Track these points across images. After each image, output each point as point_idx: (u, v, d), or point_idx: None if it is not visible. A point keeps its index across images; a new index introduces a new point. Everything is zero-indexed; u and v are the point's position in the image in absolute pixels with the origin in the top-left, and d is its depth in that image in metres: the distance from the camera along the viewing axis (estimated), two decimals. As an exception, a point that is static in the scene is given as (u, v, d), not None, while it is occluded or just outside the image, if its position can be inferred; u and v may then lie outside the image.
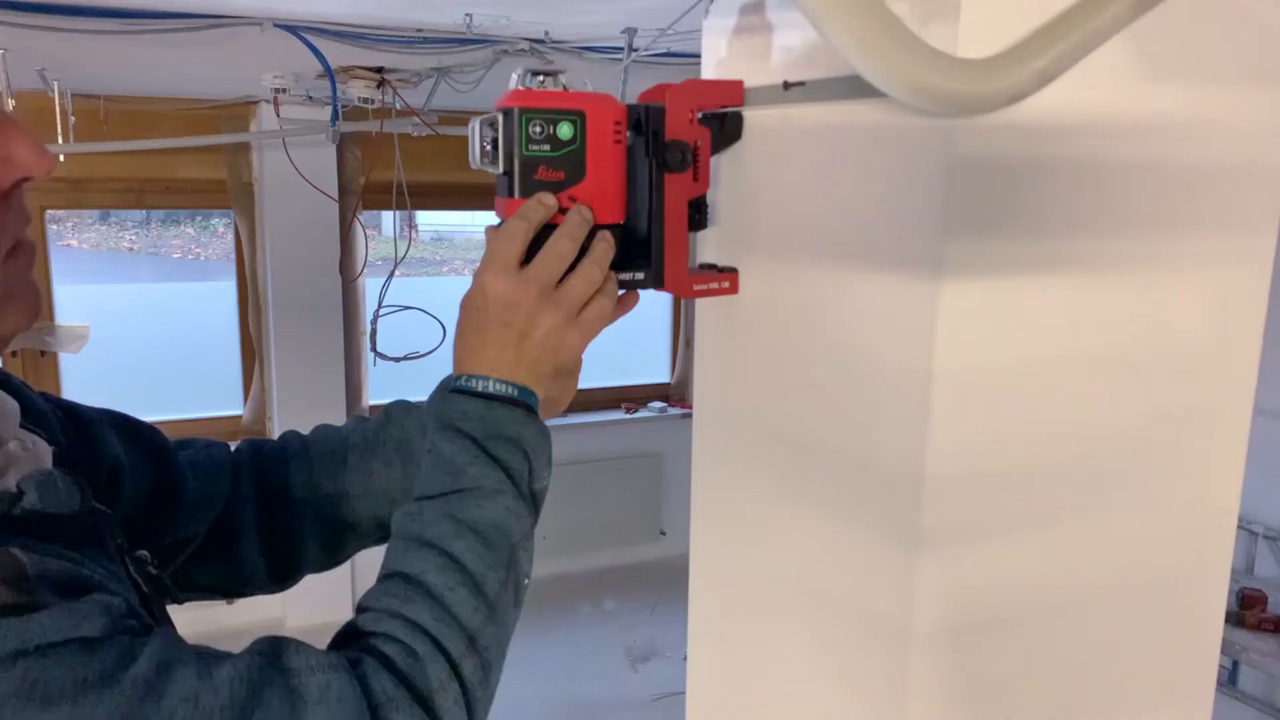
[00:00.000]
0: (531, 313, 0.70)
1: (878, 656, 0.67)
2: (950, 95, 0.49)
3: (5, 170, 0.54)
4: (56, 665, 0.47)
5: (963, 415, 0.62)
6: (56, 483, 0.58)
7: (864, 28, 0.41)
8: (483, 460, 0.67)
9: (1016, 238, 0.62)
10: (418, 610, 0.61)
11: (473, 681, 0.61)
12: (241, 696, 0.52)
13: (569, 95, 0.72)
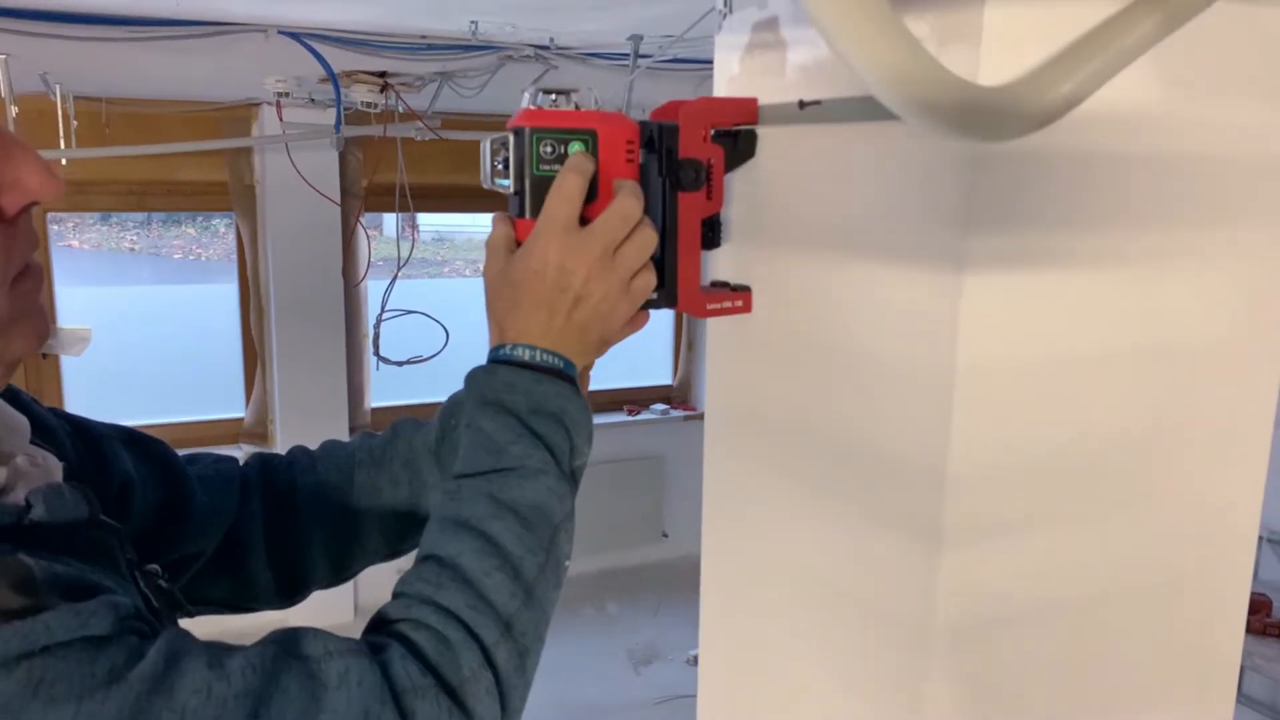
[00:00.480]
0: (590, 276, 0.67)
1: (896, 655, 0.67)
2: (978, 124, 0.48)
3: (13, 195, 0.54)
4: (63, 663, 0.47)
5: (985, 411, 0.61)
6: (64, 495, 0.57)
7: (890, 58, 0.40)
8: (526, 438, 0.65)
9: (1040, 232, 0.61)
10: (451, 596, 0.59)
11: (507, 669, 0.59)
12: (256, 684, 0.51)
13: (581, 115, 0.72)
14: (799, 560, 0.77)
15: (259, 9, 1.55)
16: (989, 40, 0.56)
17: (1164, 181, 0.64)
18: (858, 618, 0.71)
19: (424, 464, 0.83)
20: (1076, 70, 0.53)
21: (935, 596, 0.63)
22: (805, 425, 0.75)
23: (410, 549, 0.87)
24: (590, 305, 0.68)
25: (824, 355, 0.72)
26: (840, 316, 0.70)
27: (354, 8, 1.54)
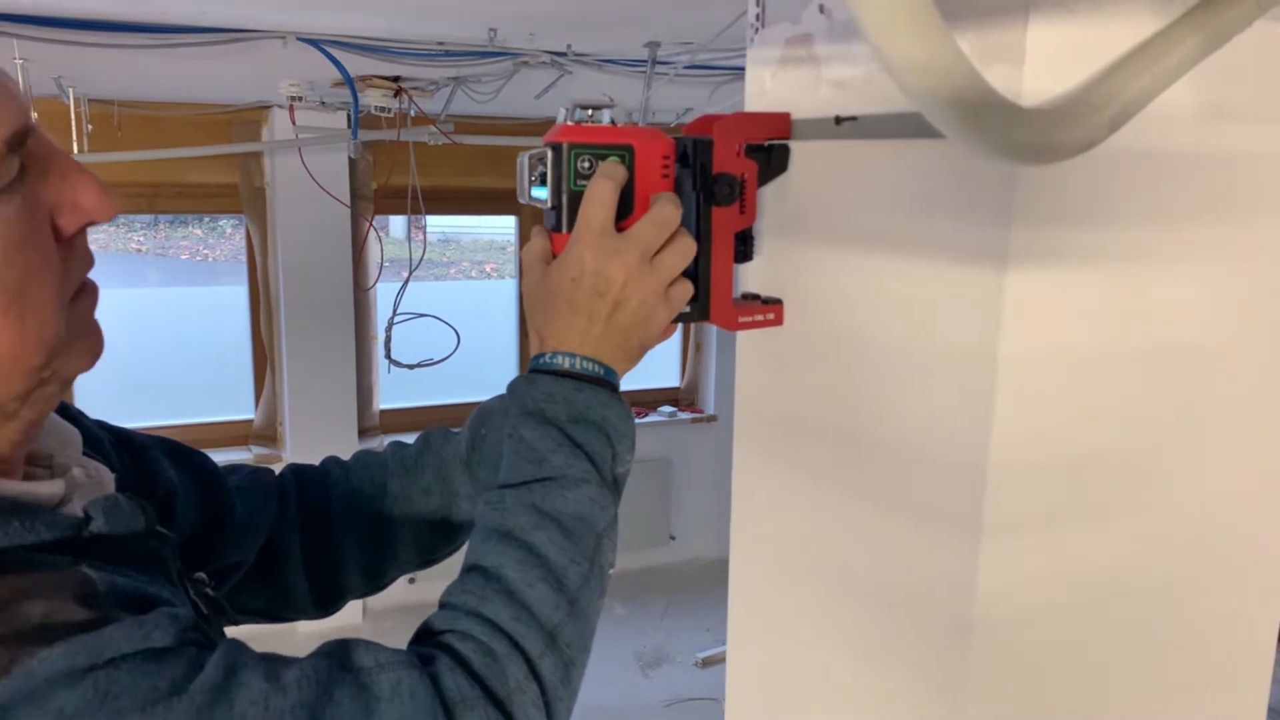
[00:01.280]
0: (628, 281, 0.68)
1: (935, 649, 0.67)
2: (1025, 147, 0.49)
3: (72, 216, 0.55)
4: (127, 675, 0.47)
5: (1027, 406, 0.62)
6: (121, 506, 0.58)
7: (945, 81, 0.41)
8: (567, 448, 0.65)
9: (1081, 228, 0.61)
10: (495, 608, 0.60)
11: (552, 681, 0.60)
12: (310, 697, 0.52)
13: (617, 130, 0.72)
14: (834, 556, 0.78)
15: (280, 17, 1.56)
16: (1032, 60, 0.56)
17: (1205, 178, 0.65)
18: (895, 612, 0.71)
19: (455, 473, 0.84)
20: (1121, 93, 0.53)
21: (975, 590, 0.63)
22: (841, 425, 0.75)
23: (443, 558, 0.87)
24: (629, 310, 0.69)
25: (862, 356, 0.72)
26: (879, 318, 0.70)
27: (374, 16, 1.54)
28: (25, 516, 0.53)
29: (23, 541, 0.51)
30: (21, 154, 0.51)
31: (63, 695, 0.45)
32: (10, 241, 0.51)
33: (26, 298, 0.52)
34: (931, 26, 0.37)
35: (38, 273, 0.53)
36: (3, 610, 0.47)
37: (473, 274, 8.05)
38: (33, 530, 0.52)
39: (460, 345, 3.22)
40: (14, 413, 0.56)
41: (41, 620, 0.47)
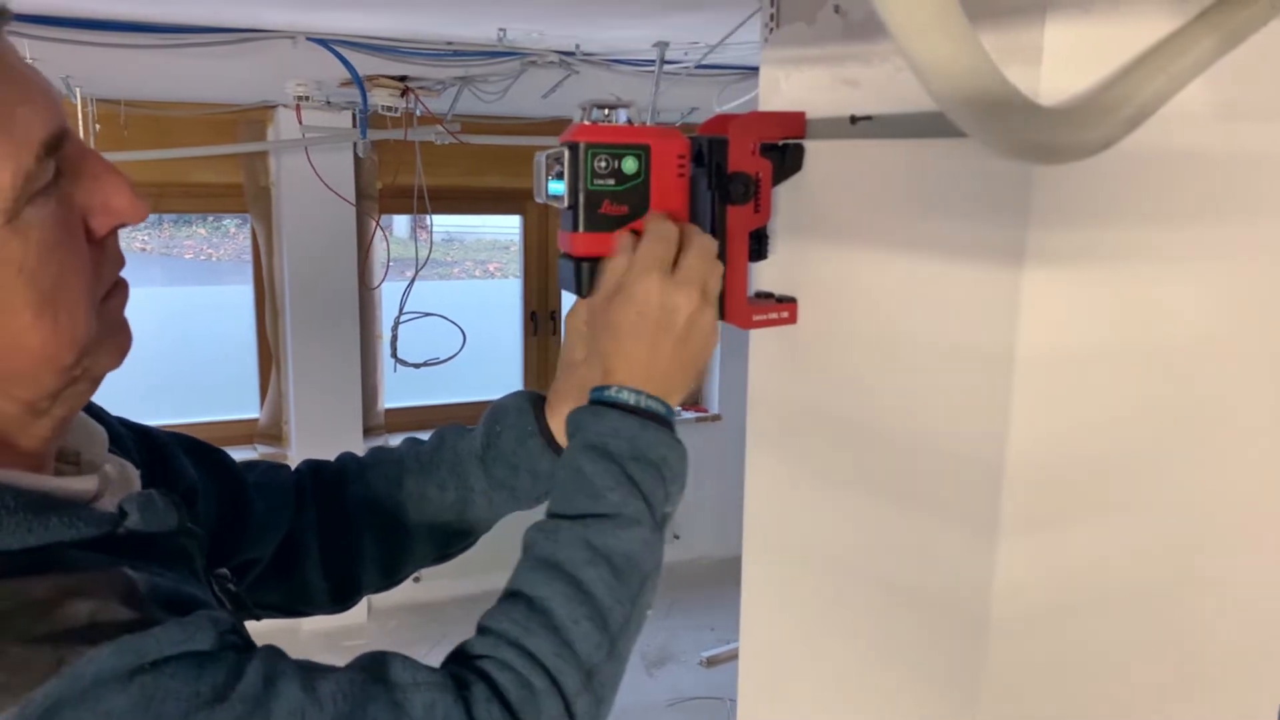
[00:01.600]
0: (693, 314, 0.70)
1: (951, 645, 0.68)
2: (1045, 146, 0.49)
3: (104, 218, 0.56)
4: (171, 680, 0.48)
5: (1043, 403, 0.63)
6: (155, 502, 0.58)
7: (970, 82, 0.41)
8: (625, 486, 0.66)
9: (1097, 227, 0.62)
10: (538, 642, 0.60)
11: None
12: (346, 711, 0.52)
13: (634, 130, 0.73)
14: (848, 554, 0.78)
15: (290, 17, 1.57)
16: (1049, 60, 0.56)
17: (1220, 178, 0.65)
18: (910, 609, 0.72)
19: (470, 470, 0.84)
20: (1138, 93, 0.54)
21: (991, 587, 0.64)
22: (856, 424, 0.76)
23: (457, 553, 0.88)
24: (696, 341, 0.70)
25: (876, 355, 0.73)
26: (894, 316, 0.71)
27: (384, 16, 1.55)
28: (63, 512, 0.53)
29: (63, 538, 0.52)
30: (58, 157, 0.52)
31: (110, 697, 0.46)
32: (46, 243, 0.51)
33: (60, 298, 0.52)
34: (957, 27, 0.38)
35: (71, 274, 0.53)
36: (50, 609, 0.47)
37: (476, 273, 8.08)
38: (72, 526, 0.53)
39: (468, 343, 3.23)
40: (46, 410, 0.56)
41: (88, 620, 0.48)
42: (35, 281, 0.51)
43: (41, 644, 0.46)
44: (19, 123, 0.49)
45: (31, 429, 0.56)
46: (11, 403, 0.54)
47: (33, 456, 0.57)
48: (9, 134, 0.49)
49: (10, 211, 0.49)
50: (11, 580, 0.48)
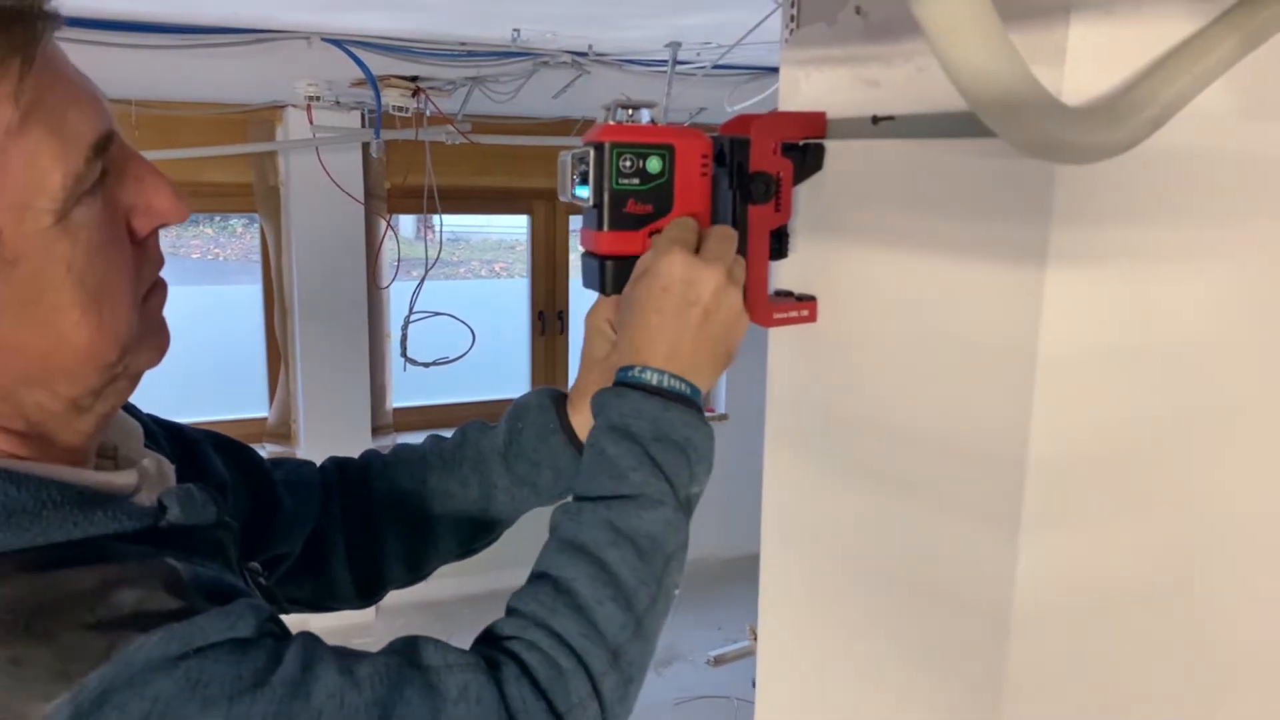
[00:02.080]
0: (717, 291, 0.70)
1: (974, 639, 0.69)
2: (1072, 147, 0.50)
3: (145, 218, 0.57)
4: (215, 665, 0.49)
5: (1066, 400, 0.63)
6: (194, 496, 0.60)
7: (1002, 83, 0.42)
8: (647, 467, 0.66)
9: (1122, 224, 0.62)
10: (564, 623, 0.61)
11: (612, 700, 0.61)
12: (383, 694, 0.53)
13: (658, 130, 0.73)
14: (868, 551, 0.79)
15: (306, 17, 1.58)
16: (1073, 61, 0.57)
17: (1241, 177, 0.66)
18: (931, 606, 0.72)
19: (493, 466, 0.85)
20: (1161, 93, 0.54)
21: (1014, 581, 0.64)
22: (876, 421, 0.76)
23: (481, 548, 0.89)
24: (720, 319, 0.70)
25: (897, 352, 0.74)
26: (915, 315, 0.72)
27: (400, 16, 1.56)
28: (106, 506, 0.54)
29: (106, 531, 0.53)
30: (105, 158, 0.53)
31: (158, 681, 0.47)
32: (93, 243, 0.52)
33: (105, 296, 0.54)
34: (992, 30, 0.39)
35: (116, 273, 0.54)
36: (98, 597, 0.48)
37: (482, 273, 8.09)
38: (116, 520, 0.54)
39: (478, 342, 3.24)
40: (88, 407, 0.57)
41: (135, 608, 0.49)
42: (83, 280, 0.52)
43: (92, 631, 0.47)
44: (69, 124, 0.50)
45: (74, 425, 0.57)
46: (56, 399, 0.55)
47: (75, 452, 0.58)
48: (59, 136, 0.50)
49: (60, 212, 0.50)
50: (60, 571, 0.49)
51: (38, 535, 0.50)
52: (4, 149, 0.48)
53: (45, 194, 0.49)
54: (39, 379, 0.54)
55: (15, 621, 0.46)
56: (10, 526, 0.50)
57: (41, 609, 0.47)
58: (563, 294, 4.06)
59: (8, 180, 0.48)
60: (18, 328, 0.51)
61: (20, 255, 0.50)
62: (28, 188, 0.49)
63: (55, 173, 0.50)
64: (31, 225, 0.49)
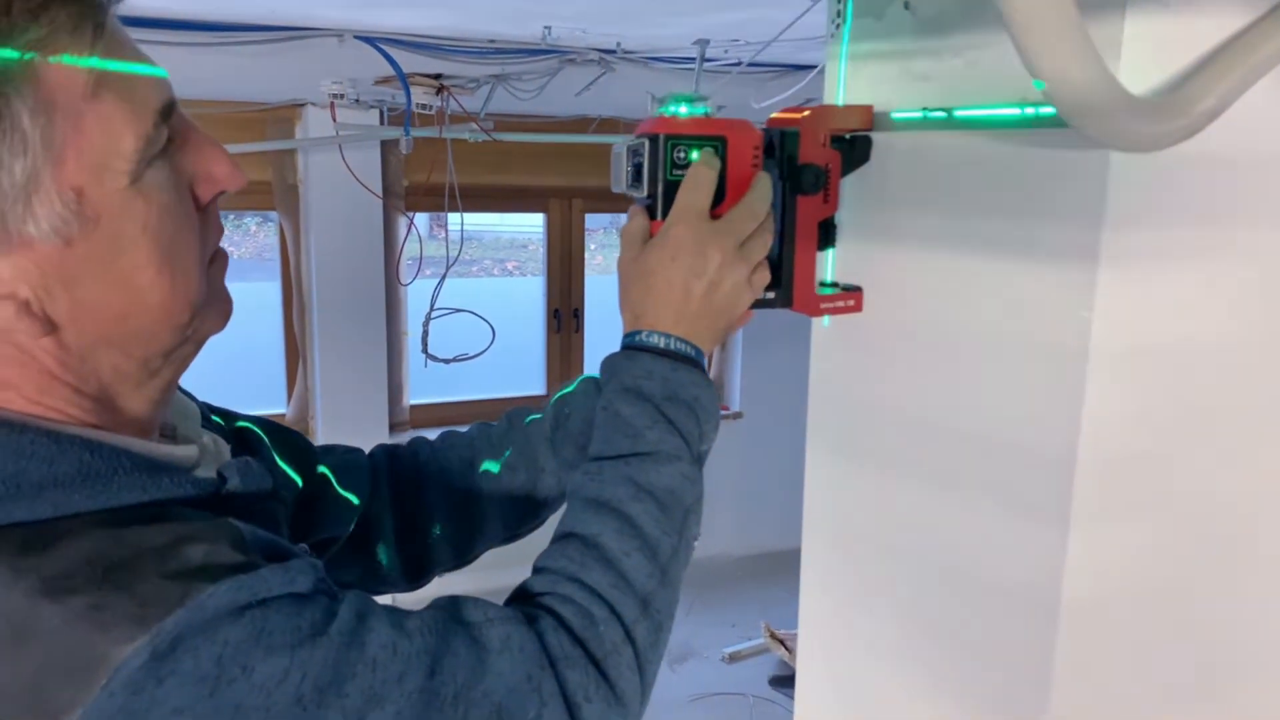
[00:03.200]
0: (723, 264, 0.71)
1: (1021, 632, 0.70)
2: (1137, 135, 0.51)
3: (207, 186, 0.59)
4: (277, 615, 0.51)
5: (1116, 397, 0.65)
6: (253, 467, 0.62)
7: (1081, 75, 0.43)
8: (662, 424, 0.69)
9: (1172, 225, 0.64)
10: (594, 575, 0.63)
11: (645, 645, 0.63)
12: (432, 644, 0.55)
13: (711, 121, 0.75)
14: (913, 542, 0.80)
15: (342, 14, 1.59)
16: (1129, 53, 0.58)
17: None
18: (979, 595, 0.74)
19: (540, 451, 0.87)
20: (1216, 86, 0.56)
21: (1063, 574, 0.66)
22: (923, 415, 0.78)
23: (527, 532, 0.91)
24: (723, 291, 0.72)
25: (945, 347, 0.75)
26: (963, 309, 0.73)
27: (435, 13, 1.58)
28: (172, 474, 0.57)
29: (173, 495, 0.56)
30: (169, 125, 0.55)
31: (227, 629, 0.49)
32: (165, 204, 0.55)
33: (176, 257, 0.56)
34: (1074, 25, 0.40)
35: (185, 234, 0.57)
36: (169, 551, 0.51)
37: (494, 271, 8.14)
38: (180, 486, 0.56)
39: (497, 339, 3.26)
40: (157, 370, 0.59)
41: (204, 561, 0.51)
42: (157, 240, 0.54)
43: (167, 580, 0.49)
44: (138, 90, 0.53)
45: (142, 390, 0.59)
46: (129, 360, 0.57)
47: (141, 423, 0.60)
48: (129, 100, 0.52)
49: (134, 173, 0.53)
50: (133, 528, 0.52)
51: (110, 498, 0.53)
52: (82, 113, 0.50)
53: (120, 156, 0.52)
54: (116, 339, 0.56)
55: (94, 572, 0.49)
56: (86, 488, 0.52)
57: (118, 561, 0.50)
58: (578, 292, 4.07)
59: (86, 143, 0.51)
60: (99, 287, 0.54)
61: (101, 214, 0.52)
62: (104, 149, 0.51)
63: (128, 135, 0.52)
64: (110, 185, 0.52)
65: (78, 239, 0.52)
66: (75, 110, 0.50)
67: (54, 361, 0.55)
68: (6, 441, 0.52)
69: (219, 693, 0.48)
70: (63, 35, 0.49)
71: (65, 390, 0.56)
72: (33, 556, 0.49)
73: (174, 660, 0.47)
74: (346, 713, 0.51)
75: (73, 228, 0.51)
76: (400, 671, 0.53)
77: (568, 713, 0.58)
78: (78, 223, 0.51)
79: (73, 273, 0.52)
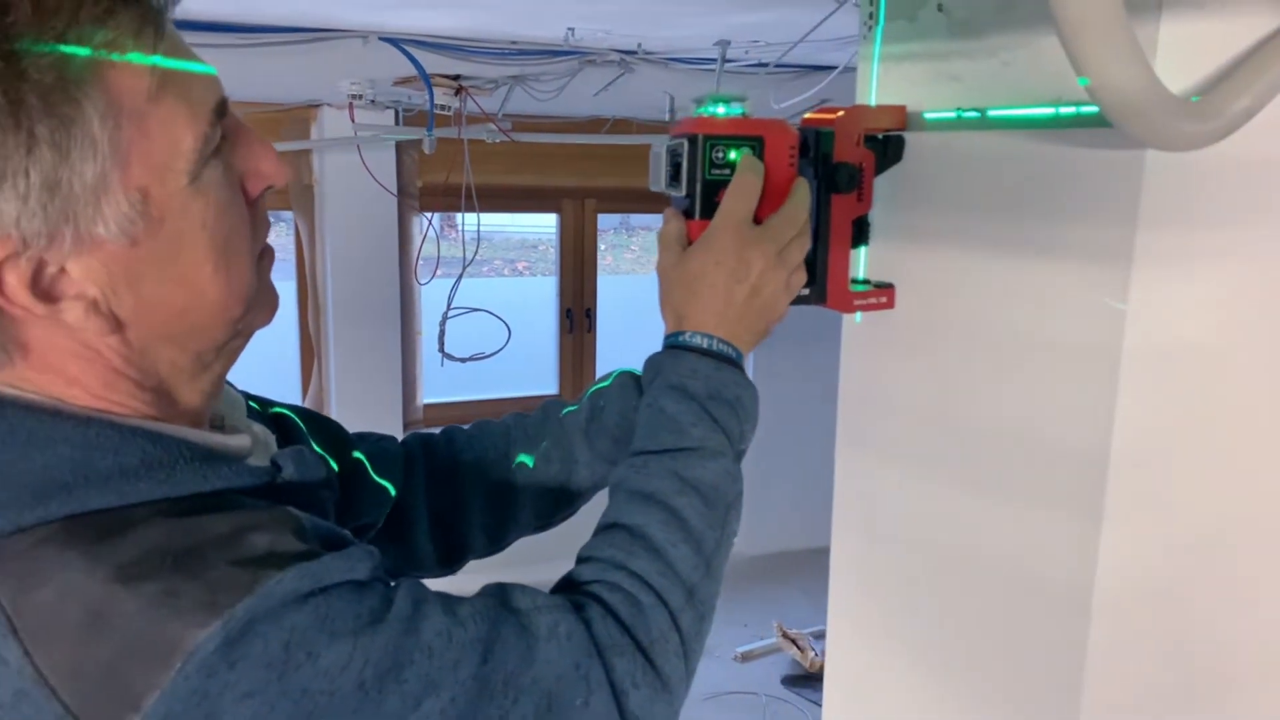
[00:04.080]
0: (765, 269, 0.74)
1: (1054, 623, 0.71)
2: (1177, 135, 0.53)
3: (256, 181, 0.60)
4: (339, 602, 0.52)
5: (1148, 395, 0.66)
6: (306, 456, 0.63)
7: (1130, 80, 0.45)
8: (706, 422, 0.71)
9: (1204, 227, 0.65)
10: (641, 564, 0.65)
11: (690, 633, 0.65)
12: (484, 632, 0.57)
13: (748, 122, 0.76)
14: (943, 537, 0.81)
15: (369, 16, 1.61)
16: (1163, 54, 0.60)
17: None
18: (1011, 589, 0.75)
19: (575, 442, 0.88)
20: (1251, 86, 0.57)
21: (1095, 568, 0.67)
22: (955, 412, 0.79)
23: (559, 521, 0.92)
24: (765, 296, 0.74)
25: (977, 345, 0.76)
26: (995, 307, 0.74)
27: (460, 14, 1.59)
28: (230, 463, 0.58)
29: (232, 484, 0.57)
30: (222, 123, 0.57)
31: (293, 615, 0.51)
32: (220, 202, 0.56)
33: (231, 253, 0.58)
34: (1122, 27, 0.42)
35: (239, 230, 0.58)
36: (234, 540, 0.52)
37: (504, 271, 8.16)
38: (239, 475, 0.58)
39: (511, 339, 3.27)
40: (209, 364, 0.61)
41: (268, 549, 0.53)
42: (214, 237, 0.56)
43: (236, 567, 0.51)
44: (195, 91, 0.54)
45: (196, 383, 0.61)
46: (185, 354, 0.59)
47: (194, 414, 0.62)
48: (188, 101, 0.54)
49: (193, 173, 0.54)
50: (197, 517, 0.53)
51: (174, 487, 0.54)
52: (146, 114, 0.52)
53: (181, 156, 0.54)
54: (174, 335, 0.58)
55: (165, 560, 0.50)
56: (150, 478, 0.54)
57: (187, 549, 0.51)
58: (590, 292, 4.09)
59: (150, 144, 0.52)
60: (161, 285, 0.55)
61: (165, 214, 0.54)
62: (166, 150, 0.53)
63: (188, 135, 0.54)
64: (172, 185, 0.54)
65: (143, 238, 0.53)
66: (140, 113, 0.52)
67: (118, 357, 0.56)
68: (74, 434, 0.54)
69: (286, 677, 0.49)
70: (128, 38, 0.51)
71: (128, 384, 0.57)
72: (107, 544, 0.50)
73: (244, 645, 0.49)
74: (405, 698, 0.52)
75: (139, 228, 0.53)
76: (455, 659, 0.55)
77: (615, 700, 0.60)
78: (143, 223, 0.53)
79: (137, 271, 0.54)
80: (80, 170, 0.50)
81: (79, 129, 0.49)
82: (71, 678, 0.48)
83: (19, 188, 0.48)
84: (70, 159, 0.49)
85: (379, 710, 0.52)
